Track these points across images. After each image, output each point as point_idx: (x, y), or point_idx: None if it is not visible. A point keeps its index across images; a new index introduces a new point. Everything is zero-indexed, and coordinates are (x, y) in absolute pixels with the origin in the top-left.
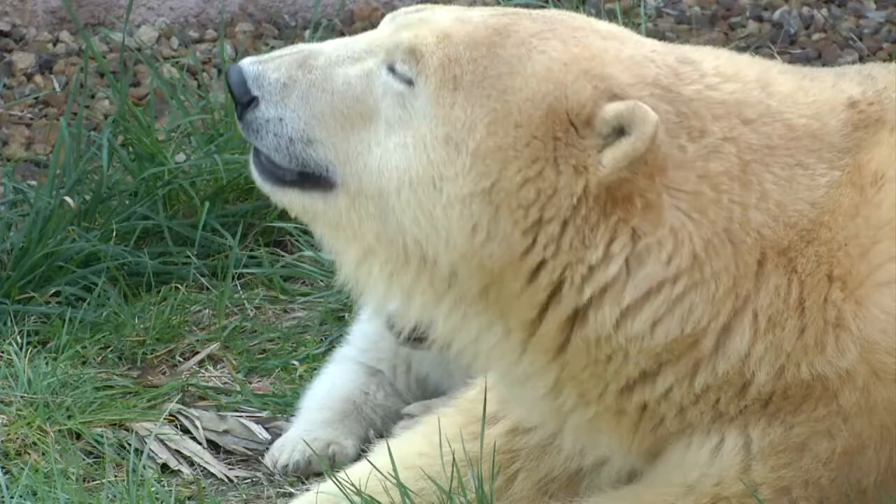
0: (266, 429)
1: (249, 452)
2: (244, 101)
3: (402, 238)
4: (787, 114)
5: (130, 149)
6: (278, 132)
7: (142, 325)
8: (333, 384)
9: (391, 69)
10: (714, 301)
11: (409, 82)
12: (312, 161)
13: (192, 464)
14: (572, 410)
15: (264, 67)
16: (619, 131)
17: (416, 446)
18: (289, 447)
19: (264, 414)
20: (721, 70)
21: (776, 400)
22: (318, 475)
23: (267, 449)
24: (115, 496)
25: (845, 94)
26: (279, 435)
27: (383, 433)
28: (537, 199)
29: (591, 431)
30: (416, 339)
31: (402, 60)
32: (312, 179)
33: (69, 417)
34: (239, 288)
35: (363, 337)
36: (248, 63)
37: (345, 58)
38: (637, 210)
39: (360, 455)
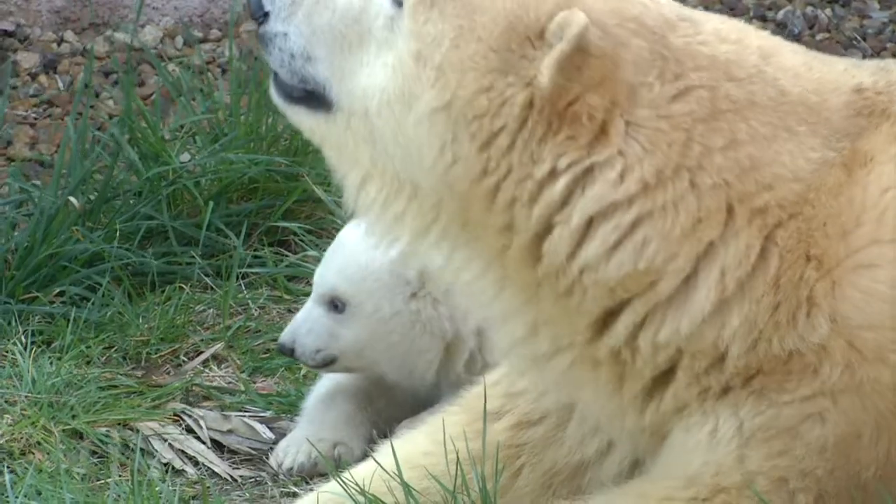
0: (270, 428)
1: (254, 452)
2: (258, 17)
3: (390, 162)
4: (782, 81)
5: (136, 148)
6: (283, 47)
7: (146, 325)
8: (338, 384)
9: None
10: (669, 239)
11: (399, 4)
12: (311, 78)
13: (196, 463)
14: (550, 357)
15: None
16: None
17: (420, 446)
18: (294, 448)
19: (268, 414)
20: (722, 33)
21: (758, 377)
22: (323, 475)
23: (271, 449)
24: (119, 496)
25: (855, 80)
26: (283, 435)
27: (387, 433)
28: (488, 110)
29: (573, 385)
30: (325, 364)
31: None
32: (316, 98)
33: (73, 417)
34: (243, 287)
35: None
36: None
37: None
38: (585, 128)
39: (366, 456)
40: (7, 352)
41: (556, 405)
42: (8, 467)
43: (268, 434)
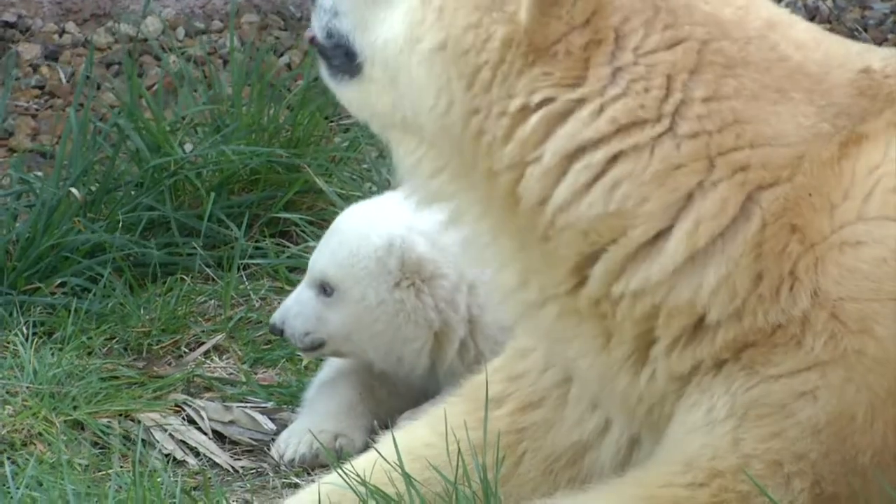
0: (272, 419)
1: (255, 443)
2: None
3: (406, 111)
4: (783, 47)
5: (138, 139)
6: (319, 3)
7: (147, 316)
8: (339, 374)
9: None
10: (641, 182)
11: None
12: (337, 32)
13: (197, 454)
14: (539, 307)
15: None
16: None
17: (421, 437)
18: (295, 439)
19: (269, 405)
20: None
21: (747, 351)
22: (325, 466)
23: (273, 440)
24: (120, 486)
25: (863, 62)
26: (285, 426)
27: (388, 424)
28: (473, 45)
29: (562, 339)
30: (313, 347)
31: None
32: (350, 61)
33: (75, 408)
34: (244, 279)
35: None
36: None
37: None
38: (561, 65)
39: (367, 446)
40: (8, 343)
41: (556, 383)
42: (9, 458)
43: (269, 425)
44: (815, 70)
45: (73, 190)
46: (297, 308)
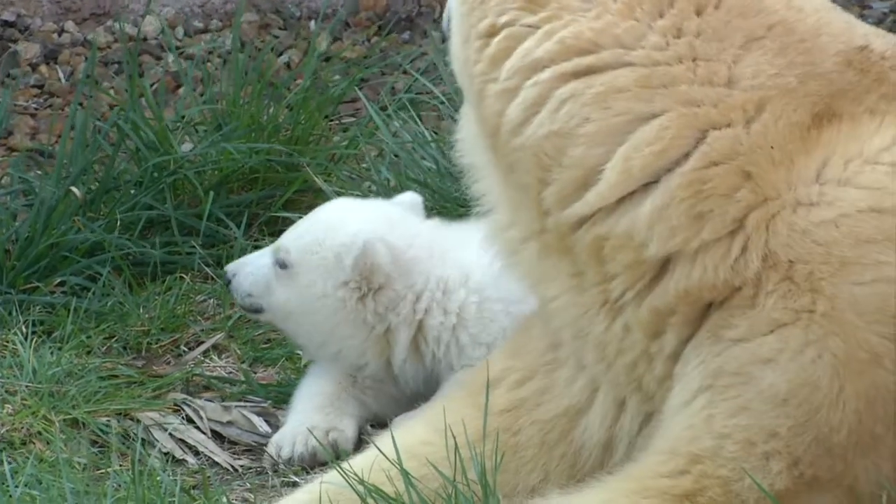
0: (266, 421)
1: (253, 444)
2: None
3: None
4: (772, 3)
5: (137, 138)
6: None
7: (146, 315)
8: (322, 372)
9: None
10: (582, 102)
11: None
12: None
13: (196, 453)
14: (521, 244)
15: None
16: None
17: (418, 435)
18: (289, 439)
19: (268, 404)
20: None
21: (712, 313)
22: (323, 464)
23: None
24: (119, 485)
25: (865, 41)
26: (279, 427)
27: (378, 414)
28: None
29: (542, 278)
30: (251, 309)
31: None
32: None
33: (74, 407)
34: None
35: None
36: None
37: None
38: None
39: (359, 437)
40: (8, 342)
41: (548, 346)
42: (8, 457)
43: (264, 427)
44: (802, 30)
45: (74, 189)
46: (251, 268)
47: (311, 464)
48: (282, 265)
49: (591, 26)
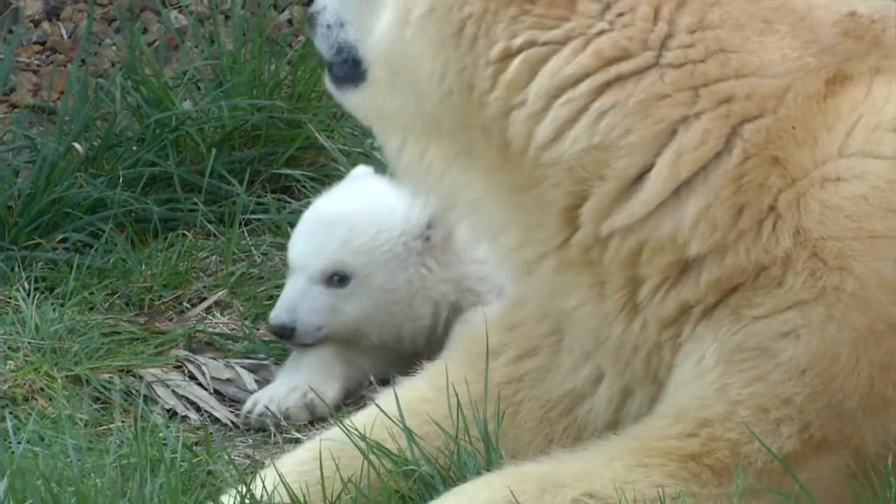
0: (256, 381)
1: None
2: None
3: (410, 103)
4: None
5: (139, 95)
6: (322, 21)
7: (149, 272)
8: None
9: None
10: (625, 112)
11: None
12: (345, 43)
13: (199, 409)
14: (537, 263)
15: None
16: None
17: (420, 392)
18: (265, 398)
19: (270, 360)
20: None
21: (733, 295)
22: (324, 420)
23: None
24: (122, 441)
25: (849, 6)
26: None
27: (369, 375)
28: (456, 1)
29: (560, 292)
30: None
31: None
32: (355, 70)
33: (76, 363)
34: (246, 234)
35: None
36: None
37: None
38: (540, 4)
39: (342, 398)
40: (10, 298)
41: (550, 331)
42: (11, 413)
43: (253, 385)
44: (799, 6)
45: (76, 145)
46: (307, 304)
47: (279, 425)
48: (341, 281)
49: (625, 34)
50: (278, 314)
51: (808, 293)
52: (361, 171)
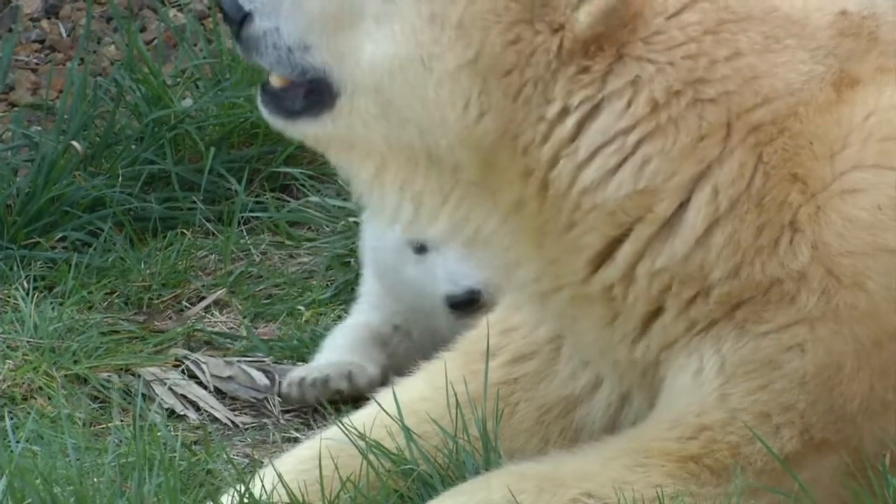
0: (266, 375)
1: (254, 399)
2: (238, 19)
3: (406, 134)
4: None
5: (138, 93)
6: (276, 43)
7: (148, 271)
8: (357, 321)
9: None
10: (670, 157)
11: None
12: (311, 67)
13: (198, 409)
14: (551, 294)
15: None
16: None
17: (418, 391)
18: (303, 371)
19: (269, 359)
20: None
21: (740, 308)
22: (324, 419)
23: (267, 397)
24: (121, 440)
25: (838, 5)
26: (280, 381)
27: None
28: (517, 63)
29: (569, 319)
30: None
31: None
32: (318, 98)
33: (75, 362)
34: (245, 233)
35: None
36: None
37: None
38: (594, 59)
39: (381, 378)
40: (9, 297)
41: (548, 339)
42: (10, 412)
43: (263, 381)
44: (799, 15)
45: (75, 143)
46: (471, 267)
47: (324, 392)
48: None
49: (671, 76)
50: (460, 283)
51: (821, 311)
52: None
